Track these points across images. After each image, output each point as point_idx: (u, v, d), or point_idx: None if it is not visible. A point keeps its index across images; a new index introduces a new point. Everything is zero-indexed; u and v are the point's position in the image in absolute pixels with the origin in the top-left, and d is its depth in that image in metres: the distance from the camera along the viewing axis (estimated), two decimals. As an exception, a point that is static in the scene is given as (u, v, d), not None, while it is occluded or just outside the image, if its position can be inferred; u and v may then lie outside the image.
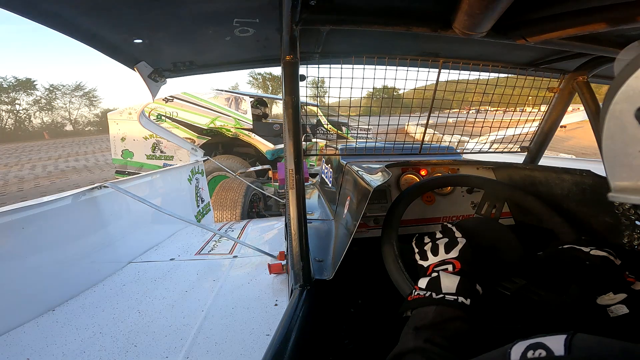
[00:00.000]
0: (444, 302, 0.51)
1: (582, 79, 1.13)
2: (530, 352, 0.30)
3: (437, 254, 0.63)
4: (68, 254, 1.35)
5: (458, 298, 0.51)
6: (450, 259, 0.60)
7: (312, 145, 1.89)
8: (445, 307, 0.50)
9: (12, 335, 1.08)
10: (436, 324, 0.48)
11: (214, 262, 1.67)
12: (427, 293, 0.54)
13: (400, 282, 0.66)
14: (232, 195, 3.15)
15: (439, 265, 0.60)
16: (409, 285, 0.63)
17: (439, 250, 0.63)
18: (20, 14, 0.65)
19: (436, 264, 0.61)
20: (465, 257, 0.60)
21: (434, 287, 0.54)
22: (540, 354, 0.29)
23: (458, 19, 0.67)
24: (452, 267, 0.58)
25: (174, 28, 0.81)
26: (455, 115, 1.32)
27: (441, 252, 0.63)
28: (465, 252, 0.61)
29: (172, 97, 4.88)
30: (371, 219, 1.09)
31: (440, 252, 0.63)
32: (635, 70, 0.26)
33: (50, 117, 35.80)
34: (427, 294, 0.54)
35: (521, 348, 0.31)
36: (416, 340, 0.47)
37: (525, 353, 0.30)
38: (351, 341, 0.86)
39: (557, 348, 0.29)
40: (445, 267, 0.59)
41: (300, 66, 0.84)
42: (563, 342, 0.29)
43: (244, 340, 1.05)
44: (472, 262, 0.59)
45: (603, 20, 0.61)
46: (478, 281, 0.56)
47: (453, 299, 0.51)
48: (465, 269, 0.57)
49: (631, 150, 0.26)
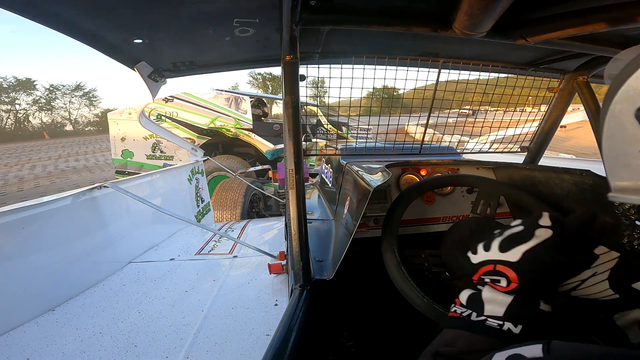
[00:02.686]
0: (480, 330, 0.39)
1: (582, 79, 1.13)
2: None
3: (489, 248, 0.44)
4: (68, 254, 1.35)
5: (504, 325, 0.38)
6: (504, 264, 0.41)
7: (312, 145, 1.89)
8: (481, 335, 0.39)
9: (12, 335, 1.08)
10: (463, 354, 0.38)
11: (214, 262, 1.68)
12: (466, 312, 0.42)
13: (405, 290, 0.64)
14: (232, 195, 3.15)
15: (488, 273, 0.43)
16: (416, 294, 0.61)
17: (493, 242, 0.44)
18: (20, 14, 0.65)
19: (485, 271, 0.43)
20: (535, 265, 0.40)
21: (476, 306, 0.41)
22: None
23: (458, 19, 0.67)
24: (507, 281, 0.41)
25: (174, 28, 0.81)
26: (455, 115, 1.32)
27: (494, 246, 0.43)
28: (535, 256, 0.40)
29: (172, 97, 4.88)
30: (371, 219, 1.09)
31: (493, 247, 0.43)
32: (635, 70, 0.26)
33: (50, 117, 35.88)
34: (464, 313, 0.42)
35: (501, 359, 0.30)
36: None
37: None
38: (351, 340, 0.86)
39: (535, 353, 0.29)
40: (496, 278, 0.42)
41: (300, 66, 0.84)
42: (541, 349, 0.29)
43: (244, 340, 1.05)
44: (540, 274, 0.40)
45: (603, 20, 0.61)
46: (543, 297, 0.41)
47: (497, 324, 0.39)
48: (525, 285, 0.40)
49: (631, 150, 0.26)
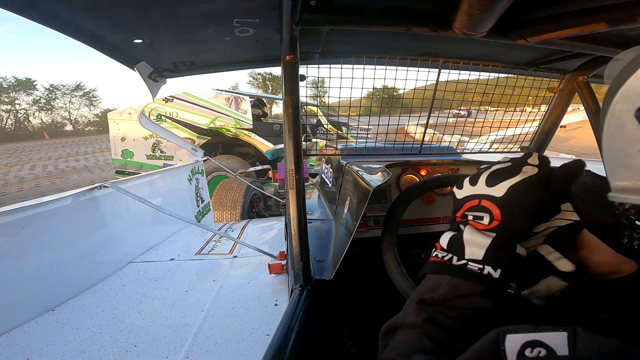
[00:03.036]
0: (462, 273, 0.38)
1: (582, 79, 1.13)
2: (528, 349, 0.27)
3: (475, 182, 0.41)
4: (68, 254, 1.35)
5: (484, 268, 0.37)
6: (488, 199, 0.38)
7: (312, 145, 1.90)
8: (462, 279, 0.38)
9: (12, 335, 1.08)
10: (446, 300, 0.38)
11: (214, 262, 1.68)
12: (447, 256, 0.40)
13: (405, 290, 0.64)
14: (232, 195, 3.15)
15: (472, 209, 0.40)
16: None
17: (480, 176, 0.40)
18: (20, 14, 0.65)
19: (470, 206, 0.40)
20: (517, 200, 0.37)
21: (457, 249, 0.39)
22: (539, 352, 0.26)
23: (458, 19, 0.67)
24: (489, 217, 0.38)
25: (174, 28, 0.81)
26: (449, 116, 1.32)
27: (481, 180, 0.40)
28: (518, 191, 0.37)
29: (172, 97, 4.88)
30: (371, 219, 1.09)
31: (480, 181, 0.40)
32: (635, 70, 0.26)
33: (50, 117, 36.02)
34: (445, 257, 0.40)
35: (516, 344, 0.28)
36: (417, 316, 0.38)
37: (522, 351, 0.27)
38: (351, 340, 0.86)
39: (560, 347, 0.26)
40: (479, 215, 0.39)
41: (300, 66, 0.84)
42: (566, 341, 0.26)
43: (244, 340, 1.05)
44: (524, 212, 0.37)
45: (603, 20, 0.61)
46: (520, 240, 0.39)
47: (477, 268, 0.37)
48: (507, 222, 0.37)
49: (631, 150, 0.26)
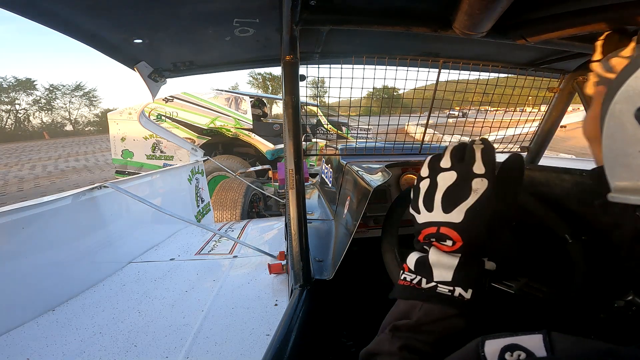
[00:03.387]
0: (434, 298, 0.37)
1: (582, 79, 1.13)
2: (508, 353, 0.27)
3: (431, 208, 0.38)
4: (68, 254, 1.35)
5: (455, 290, 0.36)
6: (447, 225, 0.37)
7: (312, 145, 1.90)
8: (434, 305, 0.37)
9: (12, 335, 1.08)
10: (420, 326, 0.37)
11: (214, 262, 1.68)
12: (416, 278, 0.39)
13: None
14: (232, 195, 3.15)
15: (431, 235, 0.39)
16: None
17: (435, 201, 0.38)
18: (20, 14, 0.65)
19: (428, 233, 0.39)
20: (476, 221, 0.36)
21: (424, 271, 0.38)
22: (519, 355, 0.27)
23: (458, 19, 0.67)
24: (452, 241, 0.37)
25: (174, 28, 0.81)
26: (455, 115, 1.32)
27: (437, 206, 0.38)
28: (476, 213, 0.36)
29: (172, 97, 4.88)
30: (371, 219, 1.09)
31: (435, 206, 0.38)
32: (635, 70, 0.26)
33: (50, 117, 35.97)
34: (414, 280, 0.39)
35: (495, 349, 0.28)
36: (392, 344, 0.37)
37: (502, 356, 0.27)
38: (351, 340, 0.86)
39: (537, 349, 0.26)
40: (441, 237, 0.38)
41: (300, 66, 0.84)
42: (542, 343, 0.26)
43: (244, 340, 1.05)
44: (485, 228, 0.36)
45: (603, 20, 0.61)
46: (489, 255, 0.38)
47: (447, 290, 0.36)
48: (470, 243, 0.37)
49: (631, 150, 0.26)
